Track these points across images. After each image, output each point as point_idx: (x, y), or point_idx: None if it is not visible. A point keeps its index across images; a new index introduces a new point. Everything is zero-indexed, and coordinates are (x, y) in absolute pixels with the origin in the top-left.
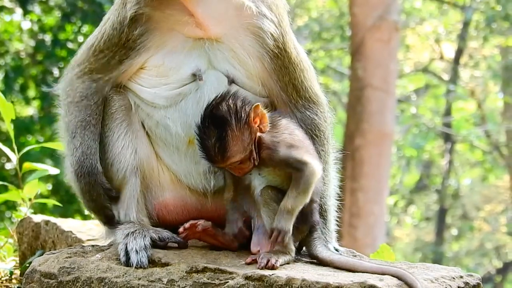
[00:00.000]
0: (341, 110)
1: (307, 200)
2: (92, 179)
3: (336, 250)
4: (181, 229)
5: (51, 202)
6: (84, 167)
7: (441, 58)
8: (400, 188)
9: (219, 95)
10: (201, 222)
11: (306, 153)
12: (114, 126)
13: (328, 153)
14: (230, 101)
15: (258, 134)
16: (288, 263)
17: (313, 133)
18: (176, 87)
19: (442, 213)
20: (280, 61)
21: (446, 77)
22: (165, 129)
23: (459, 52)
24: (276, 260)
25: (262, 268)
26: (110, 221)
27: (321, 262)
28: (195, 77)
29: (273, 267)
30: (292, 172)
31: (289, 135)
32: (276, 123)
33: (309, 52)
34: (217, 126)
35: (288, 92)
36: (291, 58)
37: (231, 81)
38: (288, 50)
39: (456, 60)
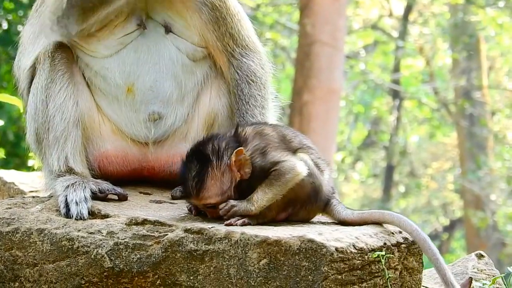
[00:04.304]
0: (289, 65)
1: (278, 197)
2: None
3: None
4: None
5: None
6: None
7: (390, 14)
8: (348, 145)
9: (209, 135)
10: None
11: (282, 153)
12: (57, 78)
13: (265, 99)
14: (216, 141)
15: (239, 179)
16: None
17: (249, 78)
18: (118, 37)
19: (389, 169)
20: (218, 12)
21: (395, 34)
22: (103, 79)
23: (408, 9)
24: (249, 222)
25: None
26: None
27: (349, 224)
28: (139, 26)
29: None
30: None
31: (260, 140)
32: (245, 138)
33: (257, 7)
34: (199, 161)
35: (225, 41)
36: (229, 8)
37: (169, 31)
38: (227, 2)
39: (405, 17)
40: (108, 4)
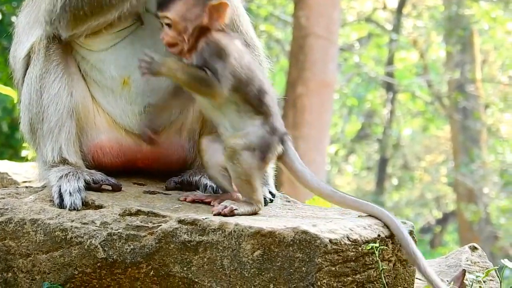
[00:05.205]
0: (284, 58)
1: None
2: None
3: (272, 194)
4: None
5: None
6: None
7: (384, 7)
8: (342, 137)
9: None
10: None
11: (226, 74)
12: (51, 68)
13: None
14: None
15: (205, 24)
16: (253, 214)
17: None
18: (115, 31)
19: (383, 162)
20: None
21: (389, 26)
22: (99, 71)
23: (402, 2)
24: (235, 209)
25: (215, 214)
26: None
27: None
28: (136, 20)
29: (230, 214)
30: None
31: (236, 52)
32: (232, 38)
33: None
34: None
35: None
36: None
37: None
38: None
39: (399, 10)
40: (99, 15)
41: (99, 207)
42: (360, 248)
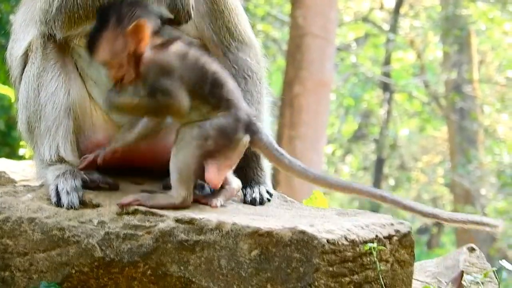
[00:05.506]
0: (281, 57)
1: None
2: None
3: (269, 193)
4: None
5: None
6: None
7: (381, 7)
8: (338, 137)
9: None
10: None
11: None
12: (48, 67)
13: (261, 94)
14: (126, 6)
15: (133, 50)
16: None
17: (246, 73)
18: None
19: (379, 163)
20: (216, 5)
21: (386, 26)
22: (96, 69)
23: (399, 2)
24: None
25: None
26: None
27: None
28: None
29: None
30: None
31: (177, 59)
32: (167, 45)
33: None
34: (101, 20)
35: (221, 35)
36: (228, 2)
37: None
38: None
39: (396, 10)
40: (94, 20)
41: (97, 206)
42: (357, 249)
